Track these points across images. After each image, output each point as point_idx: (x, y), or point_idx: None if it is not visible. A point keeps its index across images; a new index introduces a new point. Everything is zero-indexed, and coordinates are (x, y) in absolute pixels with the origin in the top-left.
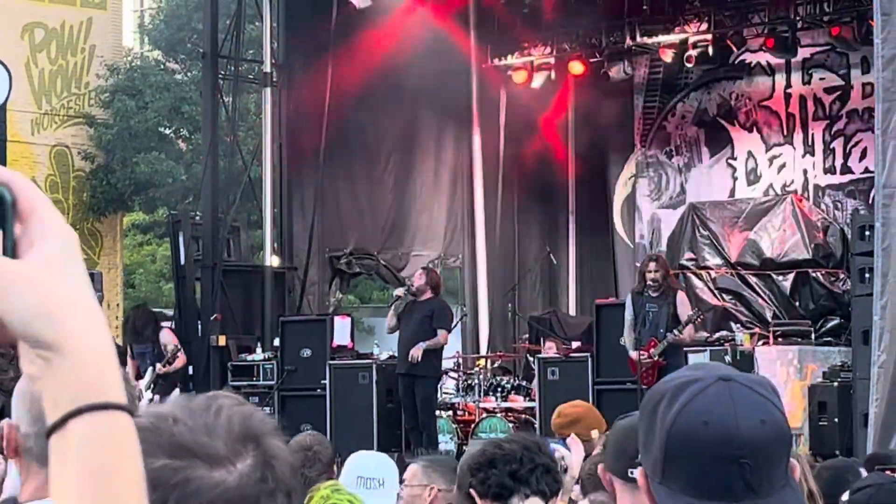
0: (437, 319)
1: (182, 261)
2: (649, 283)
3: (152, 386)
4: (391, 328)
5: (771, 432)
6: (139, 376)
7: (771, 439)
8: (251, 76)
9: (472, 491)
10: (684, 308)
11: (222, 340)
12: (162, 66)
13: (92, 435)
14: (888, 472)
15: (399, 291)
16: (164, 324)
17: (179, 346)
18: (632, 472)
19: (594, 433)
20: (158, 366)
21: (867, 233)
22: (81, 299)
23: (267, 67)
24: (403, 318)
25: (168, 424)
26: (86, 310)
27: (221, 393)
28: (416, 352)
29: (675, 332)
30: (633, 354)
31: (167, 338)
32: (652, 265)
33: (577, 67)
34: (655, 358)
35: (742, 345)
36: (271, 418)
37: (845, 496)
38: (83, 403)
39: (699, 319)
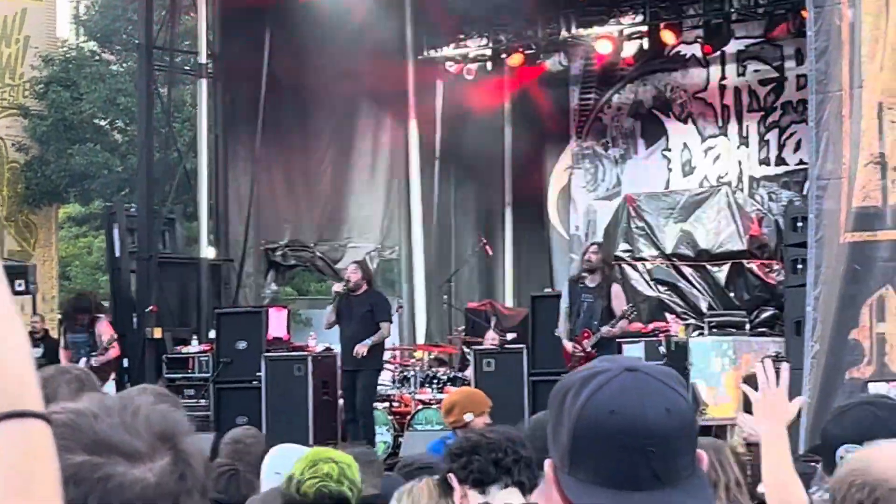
0: (378, 313)
1: (117, 253)
2: (585, 265)
3: None
4: (329, 324)
5: (676, 422)
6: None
7: (676, 429)
8: (187, 67)
9: (451, 475)
10: (619, 301)
11: (157, 332)
12: (97, 58)
13: (8, 442)
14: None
15: (338, 287)
16: (99, 316)
17: (115, 337)
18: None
19: (467, 416)
20: (92, 359)
21: (800, 224)
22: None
23: (202, 58)
24: (343, 314)
25: (88, 421)
26: (2, 317)
27: (148, 386)
28: (362, 349)
29: (609, 326)
30: (568, 345)
31: (103, 328)
32: (593, 248)
33: (513, 59)
34: (588, 350)
35: (677, 336)
36: (187, 417)
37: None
38: (0, 412)
39: (632, 314)
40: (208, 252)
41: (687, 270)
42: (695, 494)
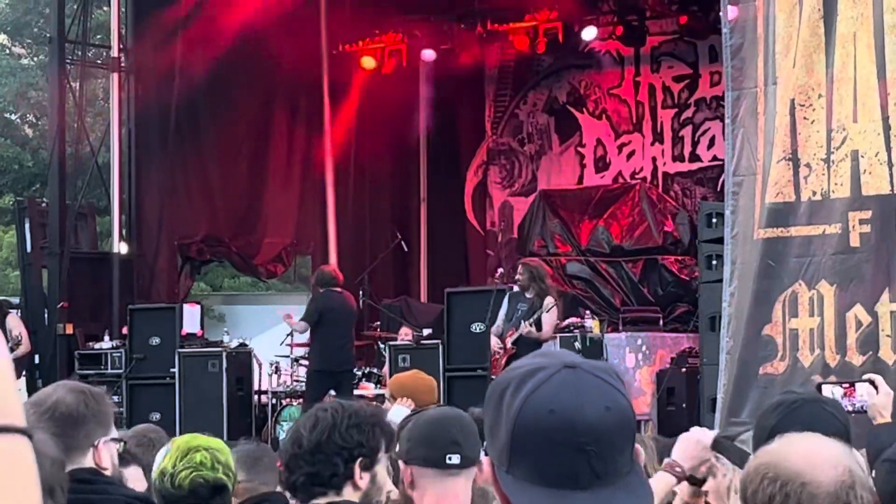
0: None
1: (28, 248)
2: (518, 284)
3: None
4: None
5: (615, 419)
6: None
7: (615, 426)
8: (99, 61)
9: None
10: (547, 315)
11: (69, 329)
12: (7, 51)
13: None
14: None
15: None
16: (10, 311)
17: (24, 333)
18: (450, 458)
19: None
20: None
21: (714, 220)
22: None
23: (115, 52)
24: None
25: None
26: None
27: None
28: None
29: (530, 323)
30: (493, 340)
31: (13, 323)
32: (519, 268)
33: (428, 54)
34: (508, 346)
35: (591, 331)
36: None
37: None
38: None
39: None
40: (121, 247)
41: (601, 266)
42: (633, 491)
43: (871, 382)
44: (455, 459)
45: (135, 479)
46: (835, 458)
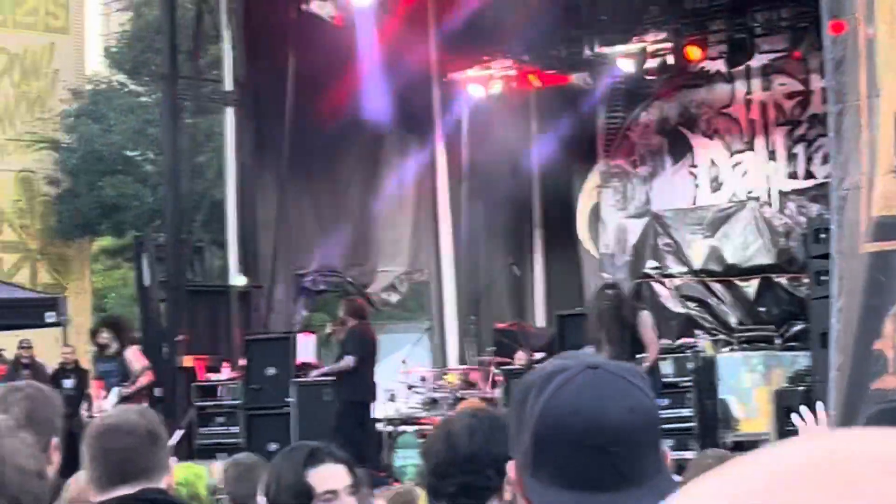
0: (345, 346)
1: (146, 282)
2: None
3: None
4: None
5: (639, 419)
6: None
7: (640, 426)
8: (214, 97)
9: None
10: (647, 330)
11: (188, 361)
12: (126, 89)
13: None
14: None
15: (328, 329)
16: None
17: (148, 366)
18: None
19: None
20: (122, 389)
21: (822, 235)
22: None
23: (228, 86)
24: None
25: None
26: None
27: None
28: (315, 373)
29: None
30: None
31: (133, 356)
32: (608, 292)
33: (537, 79)
34: None
35: (704, 351)
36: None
37: None
38: None
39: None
40: (237, 280)
41: (715, 286)
42: (661, 493)
43: None
44: None
45: None
46: None
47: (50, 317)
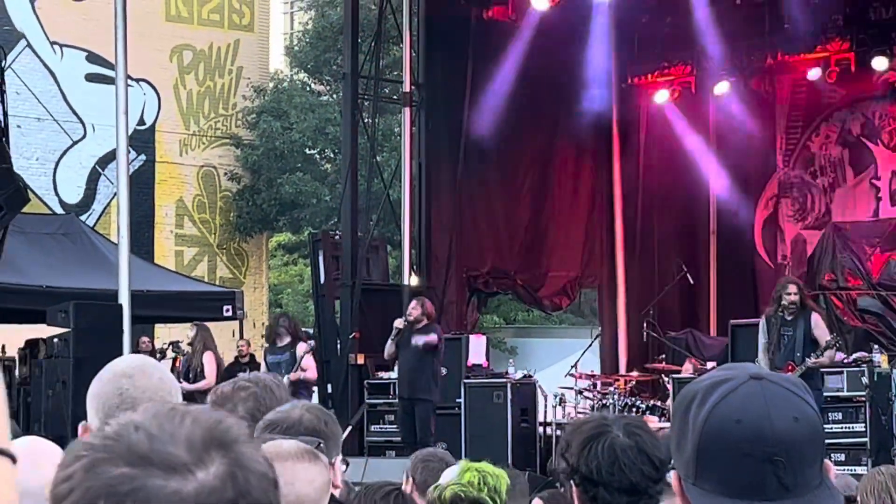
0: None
1: (322, 279)
2: (786, 305)
3: None
4: (389, 356)
5: (804, 430)
6: None
7: (804, 437)
8: (394, 97)
9: None
10: (820, 331)
11: (360, 358)
12: (307, 88)
13: None
14: None
15: (398, 323)
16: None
17: (312, 346)
18: None
19: None
20: (290, 375)
21: None
22: None
23: (406, 87)
24: (402, 347)
25: (128, 432)
26: None
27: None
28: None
29: (815, 355)
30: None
31: (303, 348)
32: (792, 288)
33: (718, 86)
34: None
35: (880, 366)
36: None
37: None
38: None
39: (837, 343)
40: (412, 280)
41: (894, 300)
42: None
43: None
44: None
45: None
46: None
47: (227, 310)
